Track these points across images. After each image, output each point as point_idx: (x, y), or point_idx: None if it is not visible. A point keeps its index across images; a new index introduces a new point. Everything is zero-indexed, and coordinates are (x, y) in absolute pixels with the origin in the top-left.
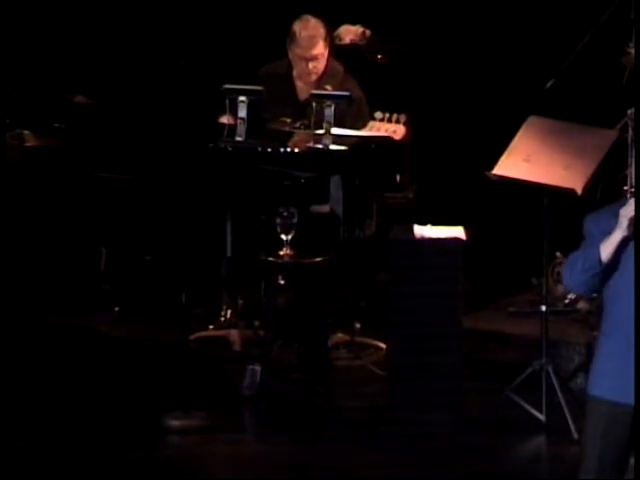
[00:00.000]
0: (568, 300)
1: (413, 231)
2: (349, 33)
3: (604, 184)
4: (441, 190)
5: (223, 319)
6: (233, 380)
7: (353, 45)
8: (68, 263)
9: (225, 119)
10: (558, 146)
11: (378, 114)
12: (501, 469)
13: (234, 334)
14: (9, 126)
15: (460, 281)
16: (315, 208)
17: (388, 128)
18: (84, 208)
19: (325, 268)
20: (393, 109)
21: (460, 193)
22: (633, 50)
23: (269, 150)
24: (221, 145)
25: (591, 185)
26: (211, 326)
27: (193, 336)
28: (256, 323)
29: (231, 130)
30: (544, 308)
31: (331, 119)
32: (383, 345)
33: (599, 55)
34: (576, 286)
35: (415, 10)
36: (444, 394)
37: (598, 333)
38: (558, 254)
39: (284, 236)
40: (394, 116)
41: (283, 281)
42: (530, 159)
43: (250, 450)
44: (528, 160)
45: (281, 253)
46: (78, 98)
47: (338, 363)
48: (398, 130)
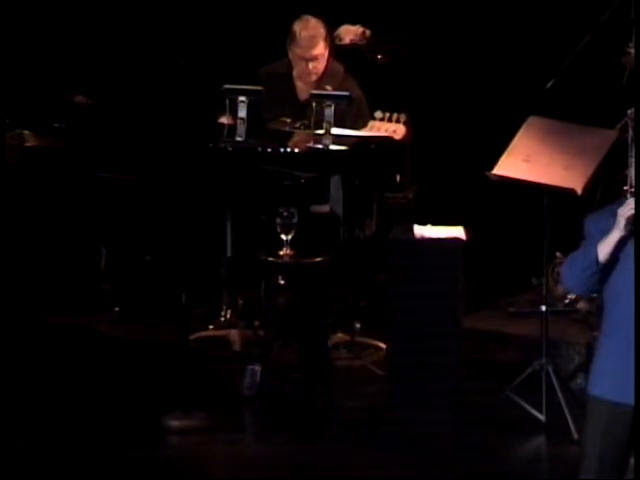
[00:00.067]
0: (568, 300)
1: (413, 231)
2: (349, 33)
3: (604, 184)
4: (441, 190)
5: (223, 319)
6: (233, 380)
7: (353, 45)
8: (68, 263)
9: (225, 119)
10: (558, 146)
11: (378, 114)
12: (501, 469)
13: (234, 334)
14: (9, 126)
15: (460, 281)
16: (315, 208)
17: (388, 128)
18: (84, 208)
19: (325, 268)
20: (393, 109)
21: (460, 193)
22: (633, 50)
23: (269, 150)
24: (221, 145)
25: (591, 185)
26: (211, 326)
27: (193, 336)
28: (256, 323)
29: (231, 130)
30: (544, 308)
31: (331, 119)
32: (383, 345)
33: (599, 55)
34: (575, 286)
35: (415, 10)
36: (444, 394)
37: (598, 333)
38: (558, 254)
39: (284, 236)
40: (394, 116)
41: (283, 281)
42: (530, 159)
43: (250, 450)
44: (528, 160)
45: (281, 253)
46: (78, 98)
47: (338, 363)
48: (398, 130)
